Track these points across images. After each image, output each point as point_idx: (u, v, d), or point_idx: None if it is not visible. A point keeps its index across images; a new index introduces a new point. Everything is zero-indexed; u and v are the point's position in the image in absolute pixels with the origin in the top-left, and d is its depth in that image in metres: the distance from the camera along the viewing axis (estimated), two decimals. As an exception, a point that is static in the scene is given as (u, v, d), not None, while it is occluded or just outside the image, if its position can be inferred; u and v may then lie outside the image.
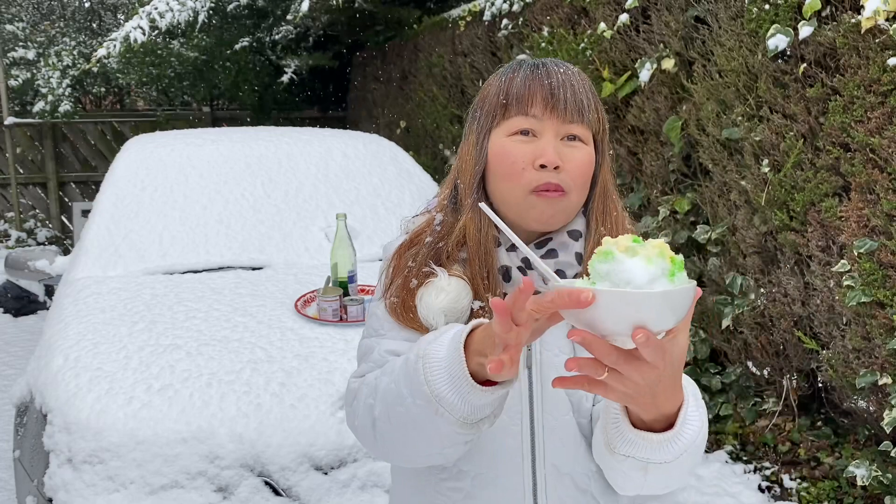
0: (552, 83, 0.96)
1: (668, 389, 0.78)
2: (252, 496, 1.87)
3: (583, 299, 0.67)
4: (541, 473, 0.98)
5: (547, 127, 0.96)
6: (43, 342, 2.37)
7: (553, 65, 0.99)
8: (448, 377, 0.82)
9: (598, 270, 0.70)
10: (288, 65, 7.88)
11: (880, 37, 2.30)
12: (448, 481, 1.00)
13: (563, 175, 0.95)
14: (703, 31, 3.13)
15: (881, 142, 2.32)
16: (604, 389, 0.75)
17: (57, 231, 8.29)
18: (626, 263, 0.68)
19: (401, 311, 1.00)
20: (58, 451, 1.92)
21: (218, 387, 2.00)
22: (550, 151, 0.94)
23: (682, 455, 0.83)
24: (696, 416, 0.85)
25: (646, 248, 0.69)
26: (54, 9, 11.12)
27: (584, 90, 0.98)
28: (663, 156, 3.43)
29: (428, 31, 6.49)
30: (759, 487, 2.90)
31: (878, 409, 2.53)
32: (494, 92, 1.00)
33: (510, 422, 0.97)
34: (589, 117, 0.97)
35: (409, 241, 1.05)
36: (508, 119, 0.98)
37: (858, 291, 2.41)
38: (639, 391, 0.74)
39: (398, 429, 0.90)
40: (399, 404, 0.88)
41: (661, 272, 0.68)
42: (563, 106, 0.95)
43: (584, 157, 0.97)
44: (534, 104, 0.96)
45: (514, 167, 0.96)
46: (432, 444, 0.89)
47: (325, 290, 2.38)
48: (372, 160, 3.44)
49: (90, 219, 3.03)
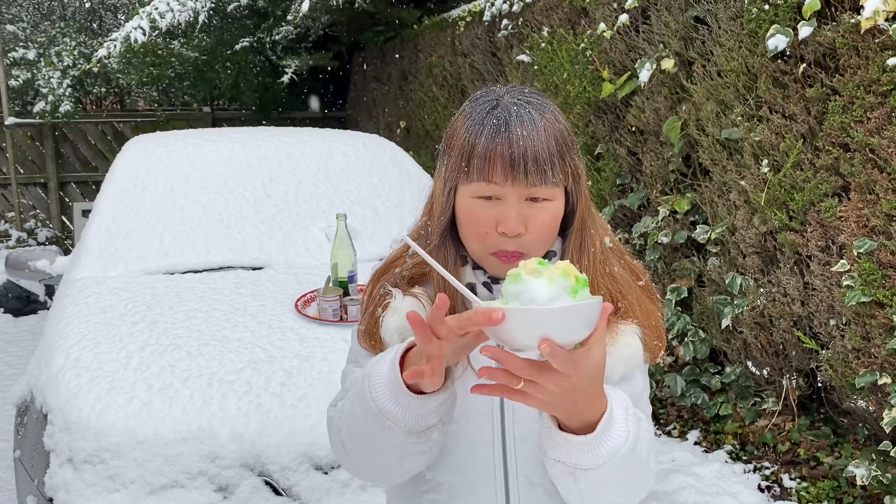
0: (512, 153, 0.94)
1: (588, 397, 0.83)
2: (252, 496, 1.87)
3: (493, 317, 0.75)
4: (513, 484, 1.00)
5: (509, 193, 0.96)
6: (43, 342, 2.37)
7: (517, 123, 0.95)
8: (389, 391, 0.89)
9: (508, 291, 0.78)
10: (288, 65, 7.87)
11: (880, 37, 2.30)
12: (428, 493, 1.04)
13: (526, 237, 0.97)
14: (702, 32, 3.13)
15: (881, 142, 2.32)
16: (523, 398, 0.81)
17: (57, 231, 8.29)
18: (531, 284, 0.77)
19: (367, 338, 1.04)
20: (58, 450, 1.92)
21: (218, 386, 2.01)
22: (512, 220, 0.95)
23: (609, 462, 0.86)
24: (625, 427, 0.88)
25: (549, 269, 0.78)
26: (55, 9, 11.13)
27: (549, 151, 0.95)
28: (663, 156, 3.44)
29: (428, 32, 6.49)
30: (759, 487, 2.90)
31: (878, 408, 2.54)
32: (459, 146, 0.98)
33: (481, 432, 1.00)
34: (553, 180, 0.96)
35: (383, 268, 1.09)
36: (471, 183, 0.97)
37: (858, 291, 2.41)
38: (556, 399, 0.81)
39: (360, 446, 0.96)
40: (355, 423, 0.95)
41: (563, 290, 0.77)
42: (524, 175, 0.94)
43: (547, 217, 0.98)
44: (495, 173, 0.95)
45: (477, 229, 0.98)
46: (390, 456, 0.94)
47: (326, 290, 2.38)
48: (372, 160, 3.45)
49: (91, 219, 3.03)
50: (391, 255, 1.10)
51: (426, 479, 1.04)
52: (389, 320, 1.01)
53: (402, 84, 7.19)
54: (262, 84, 8.85)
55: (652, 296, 1.06)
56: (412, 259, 1.05)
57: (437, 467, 1.02)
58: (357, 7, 7.24)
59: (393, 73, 7.48)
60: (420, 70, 6.62)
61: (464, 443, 1.00)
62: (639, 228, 3.54)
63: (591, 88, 3.82)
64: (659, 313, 1.05)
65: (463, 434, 1.00)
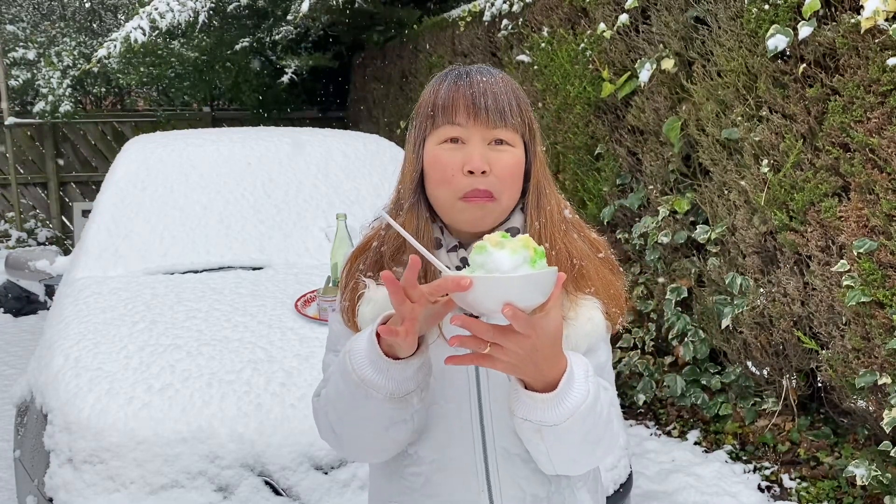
0: (473, 93, 1.02)
1: (548, 358, 0.90)
2: (252, 496, 1.87)
3: (462, 283, 0.83)
4: (492, 455, 1.06)
5: (473, 133, 1.02)
6: (43, 342, 2.37)
7: (477, 73, 1.05)
8: (368, 361, 0.95)
9: (474, 261, 0.86)
10: (288, 65, 7.87)
11: (880, 37, 2.30)
12: (410, 467, 1.09)
13: (492, 179, 1.02)
14: (702, 32, 3.13)
15: (881, 142, 2.32)
16: (490, 362, 0.89)
17: (57, 231, 8.29)
18: (495, 254, 0.85)
19: (349, 315, 1.09)
20: (58, 450, 1.92)
21: (218, 387, 2.01)
22: (476, 157, 1.01)
23: (571, 418, 0.93)
24: (585, 385, 0.95)
25: (511, 242, 0.86)
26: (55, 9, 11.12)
27: (507, 95, 1.04)
28: (663, 156, 3.44)
29: (428, 32, 6.49)
30: (759, 487, 2.90)
31: (878, 408, 2.54)
32: (425, 101, 1.07)
33: (459, 407, 1.06)
34: (513, 121, 1.03)
35: (361, 247, 1.14)
36: (437, 128, 1.04)
37: (858, 291, 2.41)
38: (520, 360, 0.89)
39: (347, 423, 1.02)
40: (340, 399, 1.01)
41: (524, 260, 0.85)
42: (486, 113, 1.02)
43: (511, 159, 1.04)
44: (458, 113, 1.02)
45: (444, 174, 1.03)
46: (377, 426, 1.00)
47: (326, 289, 2.38)
48: (372, 160, 3.45)
49: (91, 219, 3.03)
50: (368, 233, 1.15)
51: (408, 454, 1.09)
52: (364, 310, 1.06)
53: (402, 84, 7.19)
54: (262, 84, 8.85)
55: (613, 267, 1.12)
56: (388, 233, 1.10)
57: (419, 443, 1.07)
58: (357, 7, 7.24)
59: (393, 73, 7.48)
60: (420, 70, 6.62)
61: (444, 421, 1.06)
62: (639, 228, 3.54)
63: (590, 88, 3.82)
64: (619, 283, 1.11)
65: (442, 413, 1.06)
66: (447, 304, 0.91)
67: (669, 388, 3.40)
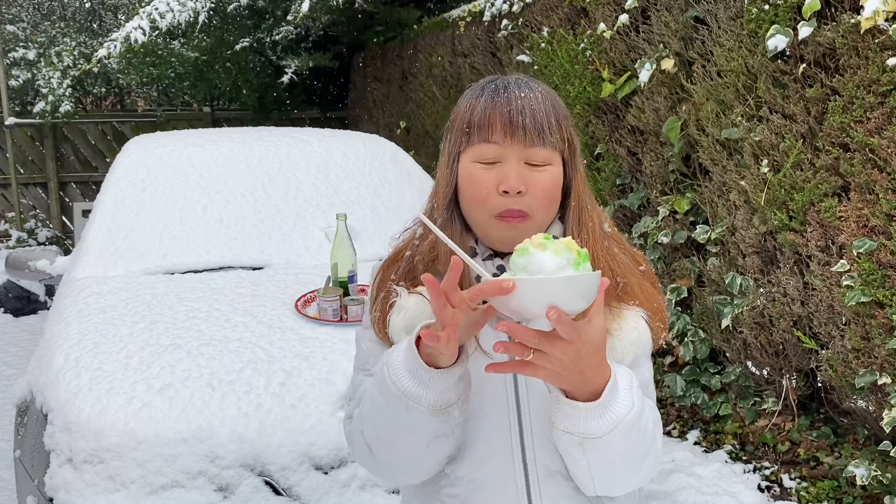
0: (511, 110, 0.98)
1: (593, 366, 0.87)
2: (252, 496, 1.87)
3: (504, 286, 0.80)
4: (532, 473, 1.01)
5: (509, 152, 0.99)
6: (43, 342, 2.37)
7: (516, 88, 1.01)
8: (408, 372, 0.92)
9: (516, 264, 0.84)
10: (288, 65, 7.87)
11: (880, 37, 2.30)
12: (446, 488, 1.05)
13: (528, 199, 0.99)
14: (702, 32, 3.13)
15: (880, 142, 2.32)
16: (533, 369, 0.86)
17: (57, 231, 8.29)
18: (538, 256, 0.82)
19: (380, 327, 1.06)
20: (58, 450, 1.92)
21: (218, 387, 2.01)
22: (513, 178, 0.97)
23: (615, 430, 0.89)
24: (630, 396, 0.91)
25: (555, 243, 0.83)
26: (55, 9, 11.12)
27: (546, 112, 1.00)
28: (663, 156, 3.44)
29: (428, 32, 6.49)
30: (759, 487, 2.90)
31: (878, 408, 2.54)
32: (461, 116, 1.03)
33: (498, 422, 1.01)
34: (551, 139, 0.99)
35: (393, 257, 1.11)
36: (473, 146, 1.01)
37: (858, 291, 2.41)
38: (564, 367, 0.85)
39: (386, 441, 0.99)
40: (378, 415, 0.97)
41: (567, 262, 0.82)
42: (523, 132, 0.98)
43: (548, 179, 1.00)
44: (494, 132, 0.99)
45: (479, 192, 1.00)
46: (417, 441, 0.96)
47: (326, 290, 2.38)
48: (372, 160, 3.45)
49: (91, 219, 3.03)
50: (398, 244, 1.12)
51: (445, 474, 1.04)
52: (396, 320, 1.03)
53: (402, 84, 7.19)
54: (262, 84, 8.85)
55: (653, 280, 1.09)
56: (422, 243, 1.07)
57: (457, 462, 1.03)
58: (357, 7, 7.24)
59: (393, 73, 7.48)
60: (420, 70, 6.62)
61: (482, 437, 1.02)
62: (639, 228, 3.54)
63: (590, 88, 3.82)
64: (660, 297, 1.08)
65: (481, 428, 1.02)
66: (487, 312, 0.88)
67: (669, 388, 3.40)
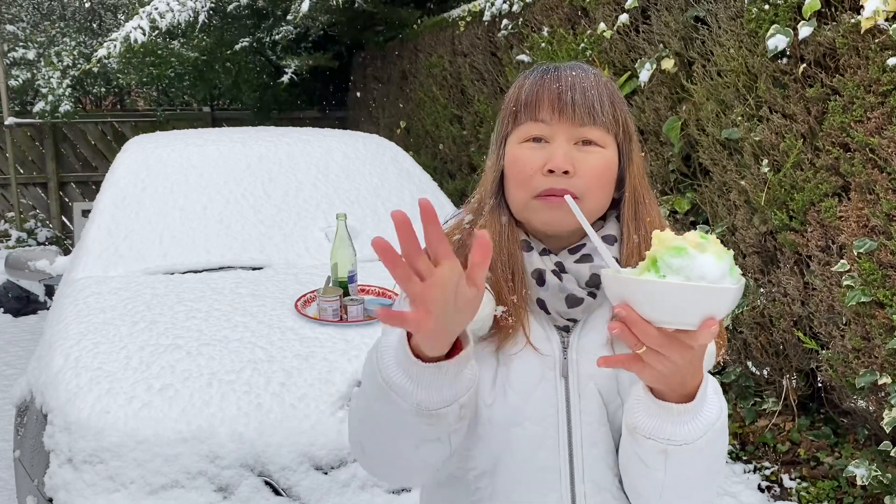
0: (560, 87, 0.92)
1: (697, 370, 0.81)
2: (252, 496, 1.87)
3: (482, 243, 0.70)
4: (580, 490, 0.93)
5: (557, 132, 0.92)
6: (43, 342, 2.37)
7: (566, 68, 0.95)
8: (395, 361, 0.81)
9: (670, 264, 0.72)
10: (288, 65, 7.87)
11: (880, 37, 2.30)
12: (481, 502, 0.96)
13: (576, 180, 0.91)
14: (702, 32, 3.13)
15: (881, 142, 2.32)
16: (640, 367, 0.78)
17: (57, 231, 8.29)
18: (699, 259, 0.71)
19: None
20: (58, 450, 1.92)
21: (218, 386, 2.01)
22: (560, 156, 0.90)
23: (704, 437, 0.83)
24: (718, 402, 0.86)
25: (714, 245, 0.72)
26: (55, 9, 11.12)
27: (598, 91, 0.93)
28: (663, 156, 3.44)
29: (428, 32, 6.49)
30: (759, 487, 2.90)
31: (878, 408, 2.54)
32: (509, 97, 0.98)
33: (545, 434, 0.93)
34: (603, 119, 0.92)
35: None
36: (520, 126, 0.95)
37: (858, 291, 2.41)
38: (675, 371, 0.78)
39: (372, 435, 0.89)
40: (366, 408, 0.88)
41: (728, 268, 0.72)
42: (572, 109, 0.91)
43: (599, 161, 0.92)
44: (542, 109, 0.93)
45: (523, 173, 0.93)
46: (403, 441, 0.86)
47: (325, 290, 2.38)
48: (372, 160, 3.45)
49: (90, 219, 3.03)
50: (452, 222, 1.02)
51: (478, 488, 0.95)
52: None
53: (402, 84, 7.19)
54: (261, 84, 8.85)
55: None
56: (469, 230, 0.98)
57: (494, 474, 0.94)
58: (357, 7, 7.24)
59: (393, 73, 7.48)
60: (420, 70, 6.62)
61: (526, 446, 0.92)
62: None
63: (591, 88, 3.82)
64: None
65: (525, 437, 0.93)
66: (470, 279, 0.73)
67: (669, 388, 3.40)
